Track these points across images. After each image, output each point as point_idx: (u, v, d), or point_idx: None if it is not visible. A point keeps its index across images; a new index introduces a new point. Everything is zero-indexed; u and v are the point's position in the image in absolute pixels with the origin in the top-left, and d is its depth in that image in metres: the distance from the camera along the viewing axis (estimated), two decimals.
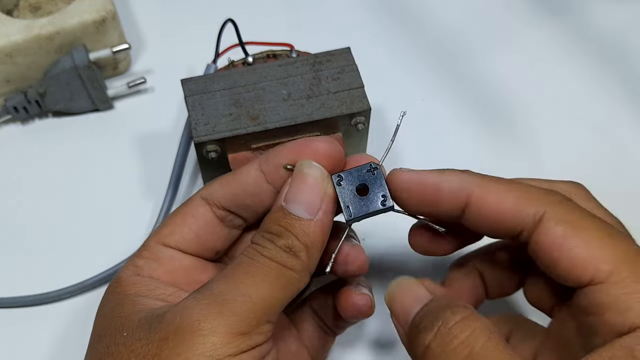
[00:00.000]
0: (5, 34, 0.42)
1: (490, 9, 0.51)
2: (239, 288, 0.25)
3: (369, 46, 0.48)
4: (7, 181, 0.43)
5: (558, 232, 0.25)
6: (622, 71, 0.48)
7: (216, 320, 0.24)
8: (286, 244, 0.26)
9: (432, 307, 0.27)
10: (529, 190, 0.26)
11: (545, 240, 0.25)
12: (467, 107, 0.46)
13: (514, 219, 0.26)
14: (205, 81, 0.37)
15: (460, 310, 0.25)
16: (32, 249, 0.41)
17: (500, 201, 0.26)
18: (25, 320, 0.38)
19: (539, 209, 0.26)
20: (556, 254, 0.25)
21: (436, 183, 0.27)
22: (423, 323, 0.26)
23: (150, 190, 0.43)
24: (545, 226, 0.25)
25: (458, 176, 0.27)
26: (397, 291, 0.29)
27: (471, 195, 0.27)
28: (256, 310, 0.25)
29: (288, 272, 0.26)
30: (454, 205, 0.27)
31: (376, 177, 0.28)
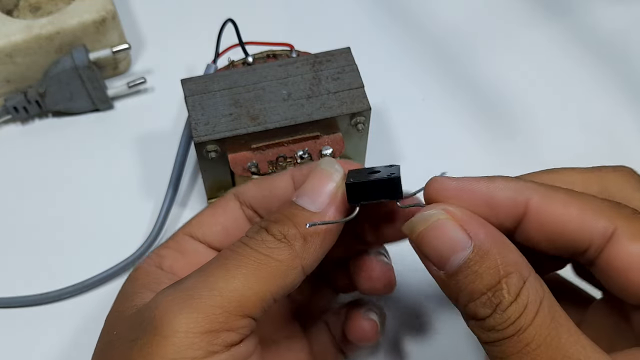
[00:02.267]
0: (5, 34, 0.42)
1: (491, 9, 0.51)
2: (207, 281, 0.24)
3: (369, 46, 0.48)
4: (7, 181, 0.43)
5: (634, 250, 0.22)
6: (623, 72, 0.48)
7: (178, 318, 0.23)
8: (281, 231, 0.25)
9: (480, 273, 0.22)
10: (594, 202, 0.23)
11: (620, 259, 0.23)
12: (467, 107, 0.46)
13: (581, 233, 0.23)
14: (205, 81, 0.37)
15: (514, 281, 0.22)
16: (32, 248, 0.41)
17: (564, 212, 0.23)
18: (26, 320, 0.38)
19: (609, 223, 0.23)
20: (633, 275, 0.22)
21: (489, 191, 0.24)
22: (470, 301, 0.22)
23: (150, 190, 0.43)
24: (619, 244, 0.23)
25: (513, 183, 0.24)
26: (429, 232, 0.23)
27: (530, 204, 0.24)
28: (225, 304, 0.23)
29: (272, 262, 0.24)
30: (510, 215, 0.24)
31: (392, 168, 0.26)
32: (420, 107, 0.46)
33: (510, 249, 0.23)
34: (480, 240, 0.22)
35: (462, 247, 0.22)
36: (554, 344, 0.21)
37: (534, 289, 0.22)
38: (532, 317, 0.21)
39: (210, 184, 0.40)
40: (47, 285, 0.39)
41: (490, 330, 0.22)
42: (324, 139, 0.37)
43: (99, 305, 0.39)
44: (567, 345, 0.21)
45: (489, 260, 0.22)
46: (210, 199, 0.41)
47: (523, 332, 0.21)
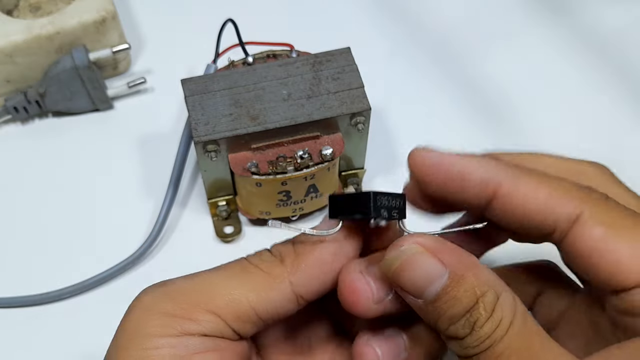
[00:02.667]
0: (5, 34, 0.42)
1: (490, 9, 0.51)
2: (190, 276, 0.25)
3: (369, 46, 0.48)
4: (7, 181, 0.43)
5: (597, 233, 0.23)
6: (622, 72, 0.48)
7: (148, 297, 0.24)
8: (279, 248, 0.26)
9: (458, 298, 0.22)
10: (564, 186, 0.24)
11: (583, 243, 0.23)
12: (467, 107, 0.46)
13: (547, 216, 0.24)
14: (206, 81, 0.37)
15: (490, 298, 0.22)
16: (33, 248, 0.41)
17: (532, 195, 0.24)
18: (26, 320, 0.38)
19: (575, 207, 0.23)
20: (596, 258, 0.23)
21: (462, 168, 0.24)
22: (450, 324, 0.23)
23: (150, 190, 0.43)
24: (583, 227, 0.23)
25: (487, 164, 0.25)
26: (404, 267, 0.23)
27: (500, 186, 0.24)
28: (192, 294, 0.24)
29: (259, 272, 0.25)
30: (479, 195, 0.24)
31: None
32: (420, 107, 0.46)
33: (482, 269, 0.23)
34: (454, 267, 0.23)
35: (438, 276, 0.23)
36: (526, 353, 0.22)
37: (507, 303, 0.22)
38: (506, 329, 0.22)
39: (211, 184, 0.40)
40: (47, 285, 0.39)
41: (466, 347, 0.23)
42: (324, 139, 0.37)
43: (99, 305, 0.39)
44: (539, 353, 0.22)
45: (466, 284, 0.22)
46: (210, 199, 0.41)
47: (497, 344, 0.22)
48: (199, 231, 0.41)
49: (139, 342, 0.23)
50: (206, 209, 0.42)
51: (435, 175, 0.25)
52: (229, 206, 0.41)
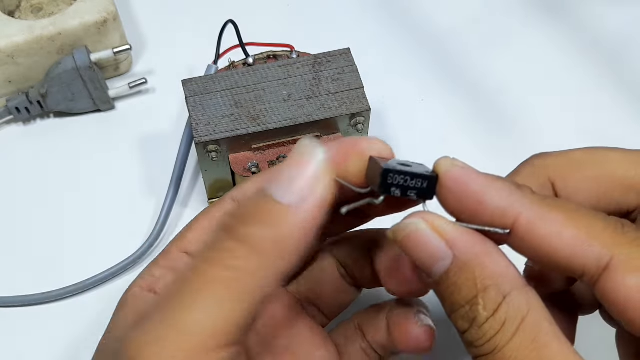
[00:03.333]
0: (7, 34, 0.42)
1: (490, 10, 0.51)
2: (169, 318, 0.20)
3: (369, 47, 0.49)
4: (8, 181, 0.43)
5: (631, 284, 0.20)
6: (622, 72, 0.48)
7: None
8: (245, 232, 0.20)
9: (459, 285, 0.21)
10: (596, 224, 0.21)
11: (616, 293, 0.20)
12: (466, 107, 0.46)
13: (573, 259, 0.21)
14: (206, 82, 0.38)
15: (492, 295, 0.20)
16: (33, 248, 0.41)
17: (555, 234, 0.21)
18: (26, 320, 0.38)
19: (606, 251, 0.21)
20: (631, 312, 0.20)
21: (480, 193, 0.22)
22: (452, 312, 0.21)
23: (151, 190, 0.43)
24: (614, 276, 0.20)
25: (507, 192, 0.22)
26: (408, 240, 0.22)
27: (519, 219, 0.21)
28: (194, 345, 0.20)
29: (240, 276, 0.20)
30: (495, 223, 0.22)
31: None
32: (420, 108, 0.46)
33: (494, 260, 0.21)
34: (460, 251, 0.21)
35: (441, 257, 0.21)
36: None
37: (516, 305, 0.20)
38: (510, 336, 0.20)
39: (211, 184, 0.40)
40: (47, 285, 0.39)
41: (469, 345, 0.21)
42: (324, 140, 0.37)
43: (99, 305, 0.39)
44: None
45: (467, 273, 0.21)
46: (211, 199, 0.41)
47: (499, 352, 0.20)
48: None
49: None
50: None
51: (452, 193, 0.22)
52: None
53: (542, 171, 0.25)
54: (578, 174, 0.24)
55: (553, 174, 0.24)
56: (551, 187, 0.24)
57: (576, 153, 0.25)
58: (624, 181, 0.24)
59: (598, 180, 0.24)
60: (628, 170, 0.24)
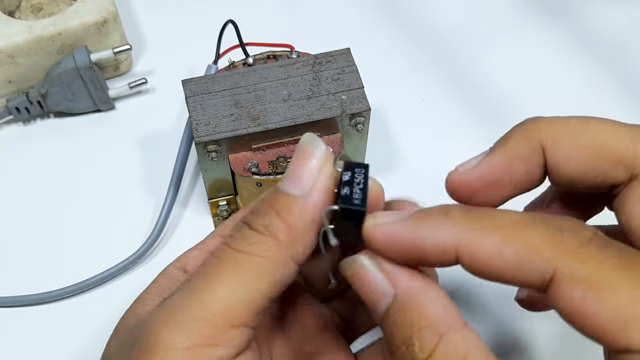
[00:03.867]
0: (7, 34, 0.42)
1: (490, 10, 0.51)
2: (190, 294, 0.22)
3: (369, 47, 0.49)
4: (8, 181, 0.43)
5: (575, 296, 0.20)
6: (622, 72, 0.48)
7: (162, 335, 0.22)
8: (262, 223, 0.23)
9: (398, 325, 0.21)
10: (533, 239, 0.21)
11: (563, 305, 0.20)
12: (466, 107, 0.46)
13: (519, 279, 0.21)
14: (206, 82, 0.38)
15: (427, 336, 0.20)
16: (33, 248, 0.41)
17: (496, 258, 0.21)
18: (26, 320, 0.38)
19: (547, 265, 0.20)
20: (579, 322, 0.20)
21: (413, 240, 0.22)
22: (394, 352, 0.21)
23: (151, 190, 0.43)
24: (559, 290, 0.20)
25: (439, 228, 0.22)
26: (355, 277, 0.23)
27: (459, 249, 0.21)
28: (210, 317, 0.21)
29: (256, 260, 0.22)
30: (441, 261, 0.22)
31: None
32: (420, 108, 0.46)
33: (432, 300, 0.21)
34: (401, 290, 0.21)
35: (384, 295, 0.22)
36: None
37: (453, 346, 0.20)
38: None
39: (211, 184, 0.40)
40: (47, 285, 0.39)
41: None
42: (324, 140, 0.37)
43: (99, 305, 0.39)
44: None
45: (406, 312, 0.21)
46: (211, 199, 0.41)
47: None
48: (200, 231, 0.41)
49: None
50: (207, 209, 0.42)
51: (388, 250, 0.22)
52: (230, 206, 0.41)
53: (534, 134, 0.25)
54: (570, 142, 0.24)
55: (545, 139, 0.24)
56: (542, 151, 0.24)
57: (571, 120, 0.25)
58: (614, 153, 0.23)
59: (589, 150, 0.24)
60: (619, 143, 0.24)
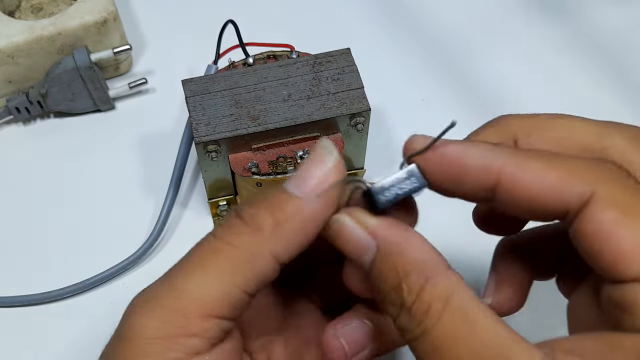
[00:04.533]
0: (7, 34, 0.42)
1: (490, 10, 0.51)
2: (168, 282, 0.22)
3: (369, 47, 0.49)
4: (8, 181, 0.43)
5: (606, 217, 0.20)
6: (622, 73, 0.48)
7: (138, 323, 0.22)
8: (251, 213, 0.23)
9: (384, 273, 0.22)
10: (577, 165, 0.22)
11: (590, 225, 0.21)
12: (466, 107, 0.46)
13: (557, 198, 0.21)
14: (206, 82, 0.38)
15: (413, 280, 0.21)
16: (33, 248, 0.41)
17: (539, 178, 0.21)
18: (26, 320, 0.38)
19: (588, 187, 0.21)
20: (599, 243, 0.21)
21: (460, 157, 0.22)
22: (382, 300, 0.22)
23: (151, 190, 0.43)
24: (592, 210, 0.21)
25: (487, 150, 0.22)
26: (336, 236, 0.23)
27: (502, 173, 0.22)
28: (183, 307, 0.22)
29: (235, 251, 0.22)
30: (480, 184, 0.22)
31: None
32: (420, 107, 0.46)
33: (415, 247, 0.22)
34: (381, 240, 0.22)
35: (367, 248, 0.22)
36: (463, 342, 0.20)
37: (440, 286, 0.21)
38: (438, 316, 0.21)
39: (211, 184, 0.40)
40: (47, 285, 0.39)
41: (402, 330, 0.22)
42: None
43: (99, 304, 0.39)
44: (480, 342, 0.20)
45: (389, 260, 0.22)
46: (211, 199, 0.41)
47: (430, 333, 0.21)
48: (200, 231, 0.41)
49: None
50: (207, 209, 0.42)
51: (432, 165, 0.23)
52: (230, 206, 0.41)
53: (506, 129, 0.25)
54: (541, 134, 0.25)
55: (516, 133, 0.25)
56: (514, 144, 0.25)
57: (541, 116, 0.25)
58: (583, 144, 0.24)
59: (559, 142, 0.24)
60: (588, 133, 0.24)
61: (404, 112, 0.46)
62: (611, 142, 0.24)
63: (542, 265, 0.28)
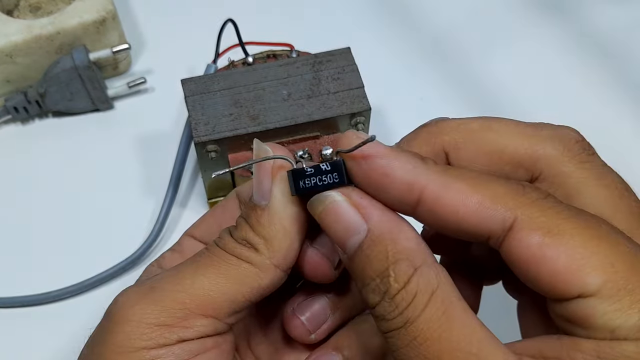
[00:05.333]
0: (5, 34, 0.42)
1: (490, 9, 0.51)
2: (176, 277, 0.24)
3: (369, 46, 0.48)
4: (7, 181, 0.43)
5: (533, 242, 0.21)
6: (622, 72, 0.48)
7: (134, 308, 0.23)
8: (241, 236, 0.24)
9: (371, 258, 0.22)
10: (498, 189, 0.22)
11: (520, 252, 0.21)
12: (466, 107, 0.46)
13: (478, 225, 0.22)
14: (206, 81, 0.38)
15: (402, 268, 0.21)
16: (32, 248, 0.41)
17: (460, 203, 0.22)
18: (26, 320, 0.38)
19: (509, 213, 0.21)
20: (534, 269, 0.21)
21: (385, 166, 0.22)
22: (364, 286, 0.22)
23: (150, 190, 0.43)
24: (518, 235, 0.21)
25: (412, 165, 0.22)
26: (326, 214, 0.23)
27: (425, 191, 0.22)
28: (187, 301, 0.23)
29: (242, 265, 0.24)
30: (403, 198, 0.22)
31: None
32: (419, 107, 0.46)
33: (406, 236, 0.22)
34: (374, 224, 0.22)
35: (356, 230, 0.22)
36: (444, 338, 0.20)
37: (426, 278, 0.21)
38: (422, 308, 0.21)
39: (211, 184, 0.40)
40: (47, 285, 0.39)
41: (381, 319, 0.21)
42: (324, 139, 0.37)
43: (99, 305, 0.39)
44: (459, 339, 0.20)
45: (380, 245, 0.21)
46: (210, 199, 0.41)
47: (411, 324, 0.21)
48: None
49: (135, 357, 0.23)
50: (206, 208, 0.42)
51: (357, 164, 0.23)
52: None
53: (437, 139, 0.25)
54: (471, 147, 0.25)
55: (447, 145, 0.25)
56: (445, 157, 0.25)
57: (472, 124, 0.25)
58: (514, 157, 0.24)
59: (490, 155, 0.24)
60: (519, 145, 0.24)
61: (403, 111, 0.46)
62: (542, 154, 0.24)
63: (491, 270, 0.28)
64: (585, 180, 0.24)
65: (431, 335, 0.20)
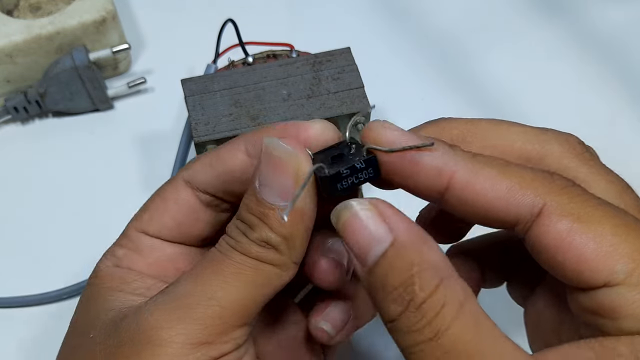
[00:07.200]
0: (5, 34, 0.42)
1: (490, 9, 0.51)
2: (205, 290, 0.23)
3: (369, 46, 0.48)
4: (7, 181, 0.43)
5: (562, 227, 0.21)
6: (622, 72, 0.48)
7: (175, 328, 0.22)
8: (260, 238, 0.23)
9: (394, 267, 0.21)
10: (526, 175, 0.22)
11: (547, 238, 0.21)
12: (466, 107, 0.46)
13: (508, 209, 0.22)
14: (206, 81, 0.38)
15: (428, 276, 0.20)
16: (32, 248, 0.41)
17: (490, 187, 0.22)
18: (26, 320, 0.38)
19: (538, 198, 0.21)
20: (561, 255, 0.21)
21: (413, 154, 0.22)
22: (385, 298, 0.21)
23: (150, 190, 0.42)
24: (546, 221, 0.21)
25: (441, 151, 0.22)
26: (351, 222, 0.22)
27: (454, 176, 0.22)
28: (224, 315, 0.23)
29: (266, 267, 0.23)
30: (432, 184, 0.22)
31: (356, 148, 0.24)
32: (420, 107, 0.46)
33: (431, 248, 0.21)
34: (400, 235, 0.21)
35: (381, 240, 0.21)
36: (477, 350, 0.20)
37: (453, 289, 0.20)
38: (451, 319, 0.20)
39: None
40: (47, 285, 0.39)
41: (405, 332, 0.20)
42: None
43: None
44: (493, 354, 0.20)
45: (405, 256, 0.21)
46: None
47: (442, 336, 0.20)
48: None
49: None
50: None
51: (391, 159, 0.23)
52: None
53: (445, 132, 0.25)
54: (480, 141, 0.25)
55: (456, 138, 0.25)
56: None
57: (481, 122, 0.25)
58: (522, 152, 0.24)
59: (498, 149, 0.24)
60: (526, 143, 0.25)
61: (403, 111, 0.46)
62: (549, 150, 0.25)
63: (491, 273, 0.28)
64: (593, 175, 0.24)
65: (464, 347, 0.20)
